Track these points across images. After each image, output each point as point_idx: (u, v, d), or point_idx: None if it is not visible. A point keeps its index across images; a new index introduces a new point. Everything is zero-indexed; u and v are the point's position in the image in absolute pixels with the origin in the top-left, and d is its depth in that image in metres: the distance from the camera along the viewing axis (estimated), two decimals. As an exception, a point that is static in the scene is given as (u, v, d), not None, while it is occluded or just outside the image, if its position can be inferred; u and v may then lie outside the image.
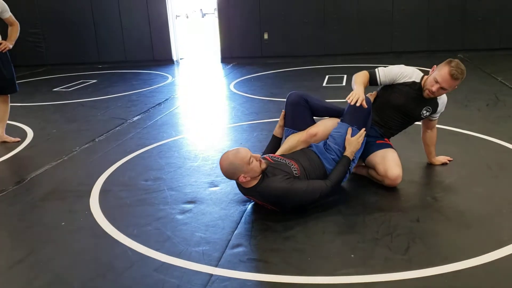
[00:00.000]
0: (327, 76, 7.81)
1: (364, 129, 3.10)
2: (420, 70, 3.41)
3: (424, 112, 3.33)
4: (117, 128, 5.18)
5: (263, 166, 2.79)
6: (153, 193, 3.35)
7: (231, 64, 9.93)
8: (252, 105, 5.98)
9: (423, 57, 9.18)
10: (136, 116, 5.69)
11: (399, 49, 9.58)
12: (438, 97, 3.31)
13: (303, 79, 7.84)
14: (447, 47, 9.41)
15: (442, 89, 3.13)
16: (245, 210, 3.00)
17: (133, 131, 5.01)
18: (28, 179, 3.78)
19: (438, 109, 3.38)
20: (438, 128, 4.52)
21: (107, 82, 8.41)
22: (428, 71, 3.38)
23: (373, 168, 3.26)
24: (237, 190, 3.20)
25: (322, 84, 7.28)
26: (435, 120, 3.48)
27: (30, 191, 3.54)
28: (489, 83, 6.58)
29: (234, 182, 3.39)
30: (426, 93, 3.21)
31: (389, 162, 3.17)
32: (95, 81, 8.57)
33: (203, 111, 6.02)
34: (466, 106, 5.37)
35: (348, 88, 4.13)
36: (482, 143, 4.07)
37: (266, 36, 10.02)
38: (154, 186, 3.48)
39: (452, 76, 3.05)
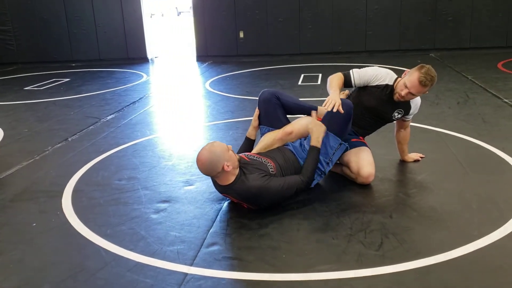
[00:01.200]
0: (302, 75, 7.86)
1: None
2: (393, 69, 3.46)
3: (396, 114, 3.38)
4: (91, 127, 5.10)
5: (237, 156, 2.82)
6: (127, 193, 3.31)
7: (207, 63, 9.89)
8: (228, 104, 5.97)
9: (395, 56, 9.35)
10: (110, 115, 5.61)
11: (373, 48, 9.71)
12: (411, 100, 3.34)
13: (278, 77, 7.86)
14: (419, 46, 9.58)
15: (411, 94, 3.16)
16: (221, 208, 2.99)
17: (107, 130, 4.94)
18: (-2, 179, 3.69)
19: (411, 111, 3.44)
20: (410, 125, 4.62)
21: (80, 80, 8.26)
22: (401, 70, 3.44)
23: (347, 166, 3.30)
24: (212, 189, 3.19)
25: (298, 82, 7.32)
26: (408, 121, 3.55)
27: (0, 192, 3.45)
28: (460, 81, 6.73)
29: (209, 181, 3.38)
30: (396, 97, 3.25)
31: (362, 161, 3.21)
32: (68, 79, 8.40)
33: (178, 110, 5.98)
34: (437, 104, 5.48)
35: (323, 87, 4.15)
36: (453, 140, 4.16)
37: (241, 34, 10.01)
38: (128, 185, 3.44)
39: (421, 82, 3.08)
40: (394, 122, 3.55)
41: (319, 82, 7.21)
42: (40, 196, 3.33)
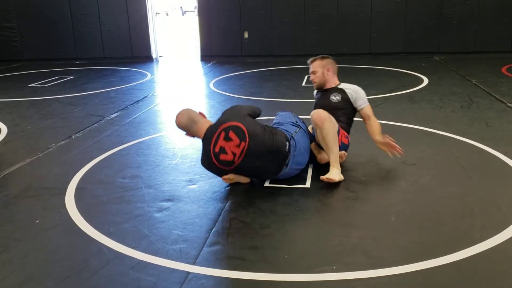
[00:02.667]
0: (306, 76, 7.85)
1: None
2: (397, 72, 3.49)
3: (333, 98, 3.71)
4: (95, 125, 5.11)
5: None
6: (131, 191, 3.32)
7: (211, 63, 9.90)
8: (231, 104, 5.95)
9: (399, 59, 9.34)
10: (114, 113, 5.63)
11: (377, 50, 9.71)
12: (345, 87, 3.76)
13: (282, 78, 7.87)
14: (423, 49, 9.57)
15: (313, 74, 3.82)
16: (223, 208, 3.00)
17: (111, 129, 4.95)
18: (2, 176, 3.70)
19: (352, 97, 3.70)
20: (413, 128, 4.63)
21: (84, 78, 8.29)
22: (405, 72, 3.47)
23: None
24: (215, 188, 3.20)
25: (301, 84, 7.32)
26: (363, 109, 3.69)
27: (4, 188, 3.47)
28: (464, 85, 6.72)
29: (212, 180, 3.40)
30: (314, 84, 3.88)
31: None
32: (72, 77, 8.43)
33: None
34: (441, 107, 5.47)
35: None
36: (456, 143, 4.16)
37: (246, 35, 10.02)
38: (132, 184, 3.46)
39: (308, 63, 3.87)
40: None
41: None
42: (43, 193, 3.34)
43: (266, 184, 3.35)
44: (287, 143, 3.19)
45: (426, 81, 7.07)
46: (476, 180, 3.34)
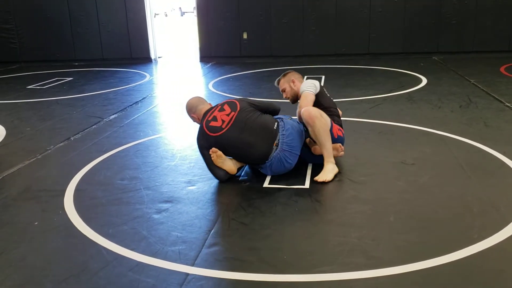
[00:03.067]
0: (305, 77, 7.84)
1: None
2: (396, 72, 3.50)
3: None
4: (93, 126, 5.11)
5: None
6: (129, 193, 3.32)
7: (210, 63, 9.91)
8: (230, 105, 5.96)
9: (398, 59, 9.34)
10: (113, 114, 5.63)
11: (376, 50, 9.71)
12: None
13: (281, 79, 7.86)
14: (422, 49, 9.57)
15: (283, 92, 3.96)
16: (222, 209, 3.00)
17: (110, 130, 4.95)
18: (1, 178, 3.70)
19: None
20: (412, 128, 4.64)
21: (83, 80, 8.29)
22: (403, 72, 3.47)
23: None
24: (214, 190, 3.21)
25: (300, 84, 7.32)
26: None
27: (3, 190, 3.47)
28: (462, 85, 6.72)
29: (211, 182, 3.40)
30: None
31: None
32: (70, 78, 8.43)
33: (181, 110, 5.98)
34: (439, 107, 5.48)
35: (328, 90, 4.17)
36: (455, 143, 4.16)
37: (245, 35, 10.02)
38: (130, 185, 3.45)
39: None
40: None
41: (322, 84, 7.20)
42: (42, 195, 3.34)
43: (265, 184, 3.35)
44: (276, 123, 3.40)
45: (425, 81, 7.08)
46: (475, 180, 3.34)
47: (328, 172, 3.34)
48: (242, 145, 3.30)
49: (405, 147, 4.07)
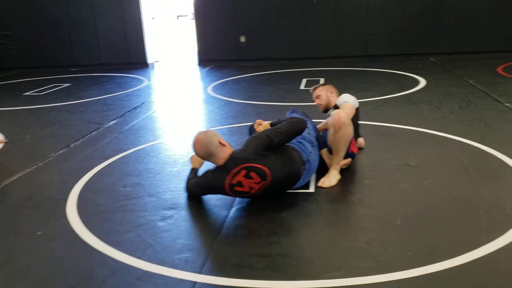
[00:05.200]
0: (304, 80, 7.86)
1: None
2: (394, 73, 3.54)
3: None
4: (93, 133, 5.09)
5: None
6: (133, 200, 3.30)
7: (208, 67, 9.89)
8: (230, 109, 5.96)
9: (396, 61, 9.35)
10: (112, 120, 5.60)
11: (374, 52, 9.72)
12: (338, 102, 3.90)
13: (280, 82, 7.87)
14: (420, 50, 9.59)
15: (317, 99, 4.01)
16: (228, 215, 2.98)
17: (110, 136, 4.93)
18: (2, 186, 3.67)
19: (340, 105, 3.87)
20: (413, 130, 4.64)
21: (81, 85, 8.26)
22: (402, 74, 3.48)
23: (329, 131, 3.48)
24: (219, 195, 3.18)
25: (299, 87, 7.32)
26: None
27: (4, 199, 3.44)
28: (461, 85, 6.73)
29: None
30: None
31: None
32: (69, 84, 8.40)
33: (181, 115, 5.97)
34: (439, 108, 5.48)
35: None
36: (457, 145, 4.16)
37: (243, 39, 10.02)
38: (133, 192, 3.43)
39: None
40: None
41: (320, 87, 7.20)
42: (44, 203, 3.32)
43: (269, 189, 3.33)
44: (303, 168, 3.13)
45: (423, 82, 7.09)
46: (479, 181, 3.34)
47: (333, 177, 3.34)
48: (268, 194, 3.14)
49: (407, 149, 4.06)
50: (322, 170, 3.46)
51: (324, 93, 3.98)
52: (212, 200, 3.21)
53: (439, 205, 3.00)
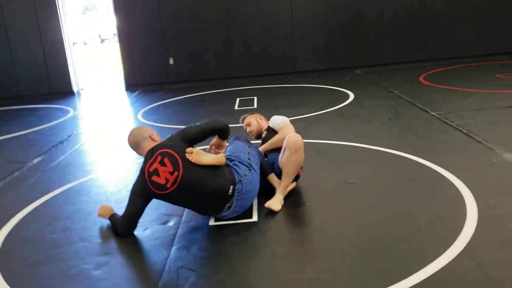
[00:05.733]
0: (237, 99, 7.82)
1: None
2: (324, 88, 3.56)
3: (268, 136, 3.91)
4: (15, 173, 4.69)
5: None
6: (63, 247, 3.02)
7: (137, 92, 9.60)
8: (165, 135, 5.69)
9: (324, 75, 9.58)
10: (36, 157, 5.21)
11: (302, 68, 9.90)
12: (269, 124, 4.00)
13: (214, 103, 7.77)
14: (345, 64, 9.88)
15: (248, 126, 4.15)
16: (168, 256, 2.80)
17: (34, 176, 4.56)
18: None
19: (273, 126, 3.92)
20: (348, 145, 4.70)
21: (-1, 120, 7.67)
22: (331, 88, 3.50)
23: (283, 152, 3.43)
24: (156, 235, 3.00)
25: (234, 107, 7.26)
26: (279, 127, 3.85)
27: None
28: (387, 97, 6.98)
29: (152, 225, 3.19)
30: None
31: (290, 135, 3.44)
32: (-16, 120, 7.77)
33: (112, 146, 5.68)
34: (370, 122, 5.62)
35: (260, 111, 4.13)
36: (391, 158, 4.25)
37: (171, 61, 9.83)
38: (63, 238, 3.15)
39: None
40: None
41: (255, 106, 7.19)
42: (-40, 262, 2.95)
43: (211, 223, 3.19)
44: (231, 187, 3.04)
45: (352, 95, 7.27)
46: (416, 194, 3.40)
47: (278, 202, 3.28)
48: (191, 206, 3.11)
49: (344, 166, 4.09)
50: (269, 195, 3.38)
51: (253, 120, 4.12)
52: (150, 240, 3.02)
53: (381, 224, 3.01)
